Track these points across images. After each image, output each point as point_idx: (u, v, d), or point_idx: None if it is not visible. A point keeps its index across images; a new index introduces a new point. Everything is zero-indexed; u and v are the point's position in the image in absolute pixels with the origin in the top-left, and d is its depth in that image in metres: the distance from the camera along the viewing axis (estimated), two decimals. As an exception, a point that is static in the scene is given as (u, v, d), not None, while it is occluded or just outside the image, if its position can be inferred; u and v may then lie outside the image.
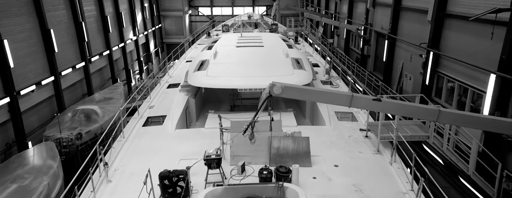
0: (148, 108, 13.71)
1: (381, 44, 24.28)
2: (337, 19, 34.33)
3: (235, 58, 15.34)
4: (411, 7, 19.88)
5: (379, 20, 24.18)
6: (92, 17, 29.43)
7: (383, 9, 23.54)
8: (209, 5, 55.33)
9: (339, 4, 34.16)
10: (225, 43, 18.90)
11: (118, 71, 35.52)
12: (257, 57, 15.45)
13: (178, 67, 20.75)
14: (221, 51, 16.39)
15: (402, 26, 20.92)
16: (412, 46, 19.43)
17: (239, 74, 13.29)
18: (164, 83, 17.18)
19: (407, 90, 20.04)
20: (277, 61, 14.87)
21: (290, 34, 30.74)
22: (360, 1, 28.29)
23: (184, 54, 23.61)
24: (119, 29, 35.22)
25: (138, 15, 42.39)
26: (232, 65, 14.37)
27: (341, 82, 16.86)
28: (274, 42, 18.95)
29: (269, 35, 21.63)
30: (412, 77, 19.46)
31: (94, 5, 30.04)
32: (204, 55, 16.25)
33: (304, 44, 27.45)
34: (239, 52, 16.45)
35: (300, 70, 13.87)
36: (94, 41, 29.46)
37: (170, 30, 53.54)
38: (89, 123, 20.75)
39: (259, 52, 16.48)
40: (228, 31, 32.25)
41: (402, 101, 8.10)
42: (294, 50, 17.28)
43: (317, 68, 19.79)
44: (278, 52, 16.24)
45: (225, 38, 20.49)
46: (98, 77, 30.61)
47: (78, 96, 26.39)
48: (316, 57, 22.53)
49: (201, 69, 14.11)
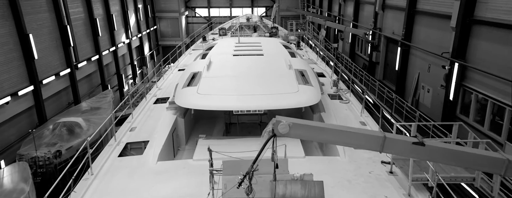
0: (129, 130, 11.70)
1: (391, 50, 22.28)
2: (341, 22, 32.36)
3: (231, 70, 13.35)
4: (429, 11, 17.87)
5: (390, 24, 22.18)
6: (79, 20, 27.41)
7: (395, 12, 21.55)
8: (206, 6, 53.35)
9: (343, 6, 32.17)
10: (221, 50, 17.00)
11: (109, 76, 33.55)
12: (256, 69, 13.47)
13: (169, 76, 18.76)
14: (216, 61, 14.43)
15: (417, 32, 18.94)
16: (430, 55, 17.43)
17: (235, 91, 11.29)
18: (151, 97, 15.18)
19: (425, 104, 18.02)
20: (279, 73, 12.89)
21: (291, 38, 28.79)
22: (367, 3, 26.31)
23: (177, 61, 21.59)
24: (110, 32, 33.22)
25: (132, 16, 40.38)
26: (227, 79, 12.37)
27: (352, 97, 14.88)
28: (275, 49, 17.05)
29: (269, 41, 19.72)
30: (430, 89, 17.44)
31: (82, 7, 28.02)
32: (196, 66, 14.25)
33: (307, 49, 25.51)
34: (235, 62, 14.47)
35: (306, 85, 11.86)
36: (82, 46, 27.45)
37: (165, 32, 51.55)
38: (71, 138, 18.83)
39: (259, 62, 14.51)
40: (225, 34, 30.31)
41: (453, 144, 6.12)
42: (297, 60, 15.29)
43: (323, 78, 17.86)
44: (280, 62, 14.28)
45: (221, 45, 18.58)
46: (86, 84, 28.60)
47: (63, 105, 24.40)
48: (321, 65, 20.58)
49: (192, 84, 12.10)
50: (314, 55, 23.56)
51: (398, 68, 20.09)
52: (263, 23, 35.55)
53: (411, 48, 19.30)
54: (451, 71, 14.73)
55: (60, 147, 17.71)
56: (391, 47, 22.38)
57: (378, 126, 11.85)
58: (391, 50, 22.24)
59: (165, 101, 14.71)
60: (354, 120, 12.54)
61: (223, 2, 53.47)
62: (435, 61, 16.97)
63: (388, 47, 22.76)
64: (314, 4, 45.57)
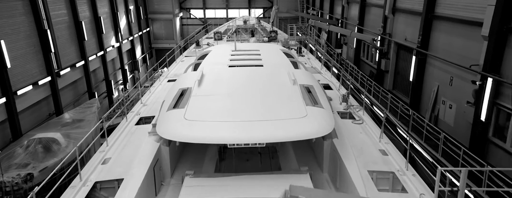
0: (101, 162, 9.61)
1: (403, 58, 20.22)
2: (344, 25, 30.33)
3: (226, 86, 11.25)
4: (452, 16, 15.75)
5: (401, 29, 20.11)
6: (63, 23, 25.28)
7: (407, 17, 19.49)
8: (201, 7, 51.25)
9: (346, 8, 30.12)
10: (215, 59, 15.00)
11: (97, 82, 31.43)
12: (255, 85, 11.40)
13: (156, 88, 16.67)
14: (209, 74, 12.37)
15: (436, 39, 16.89)
16: (452, 66, 15.35)
17: (230, 116, 9.18)
18: (133, 116, 13.08)
19: (446, 121, 15.91)
20: (282, 91, 10.80)
21: (291, 43, 26.76)
22: (375, 6, 24.24)
23: (167, 70, 19.48)
24: (97, 36, 31.08)
25: (122, 18, 38.25)
26: (222, 99, 10.26)
27: (366, 116, 12.83)
28: (276, 58, 15.08)
29: (269, 48, 17.75)
30: (453, 105, 15.36)
31: (66, 9, 25.87)
32: (186, 80, 12.14)
33: (309, 56, 23.47)
34: (231, 75, 12.41)
35: (315, 107, 9.72)
36: (65, 51, 25.33)
37: (159, 34, 49.44)
38: (46, 157, 16.87)
39: (258, 75, 12.45)
40: (221, 39, 28.25)
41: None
42: (301, 72, 13.20)
43: (330, 91, 15.85)
44: (282, 75, 12.23)
45: (216, 53, 16.59)
46: (71, 92, 26.49)
47: (42, 117, 22.30)
48: (326, 75, 18.55)
49: (179, 104, 9.97)
50: (317, 63, 21.54)
51: (412, 79, 18.01)
52: (261, 26, 33.53)
53: (429, 57, 17.21)
54: (482, 87, 12.68)
55: (32, 169, 15.73)
56: (402, 55, 20.33)
57: (401, 156, 9.84)
58: (403, 58, 20.19)
59: (149, 121, 12.64)
60: (373, 147, 10.51)
61: (219, 3, 51.41)
62: (459, 74, 14.91)
63: (399, 55, 20.70)
64: (314, 6, 43.50)
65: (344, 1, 29.63)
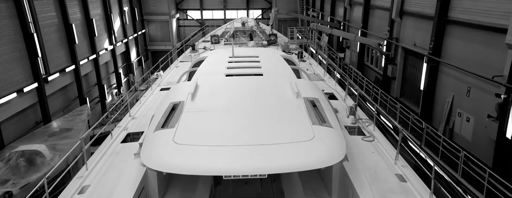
0: (77, 192, 8.34)
1: (412, 65, 18.96)
2: (347, 28, 29.08)
3: (223, 100, 9.97)
4: (469, 21, 14.39)
5: (410, 34, 18.86)
6: (51, 26, 24.00)
7: (417, 21, 18.22)
8: (198, 8, 49.97)
9: (349, 10, 28.86)
10: (211, 67, 13.82)
11: (89, 87, 30.15)
12: (254, 99, 10.13)
13: (148, 98, 15.39)
14: (204, 85, 11.14)
15: (450, 45, 15.64)
16: (470, 75, 14.07)
17: (226, 139, 7.91)
18: (120, 132, 11.80)
19: (463, 135, 14.66)
20: (285, 107, 9.52)
21: (292, 47, 25.55)
22: (380, 9, 22.96)
23: (159, 78, 18.20)
24: (89, 39, 29.80)
25: (116, 20, 36.96)
26: (217, 117, 8.99)
27: (377, 131, 11.60)
28: (276, 66, 13.91)
29: (269, 53, 16.60)
30: (471, 118, 14.08)
31: (55, 11, 24.58)
32: (179, 92, 10.88)
33: (310, 61, 22.25)
34: (228, 86, 11.16)
35: (323, 126, 8.45)
36: (54, 55, 24.06)
37: (155, 36, 48.15)
38: (29, 172, 15.80)
39: (257, 86, 11.19)
40: (218, 42, 27.00)
41: None
42: (304, 82, 11.94)
43: (335, 101, 14.64)
44: (283, 86, 10.99)
45: (212, 59, 15.41)
46: (61, 98, 25.21)
47: (29, 126, 21.05)
48: (330, 83, 17.32)
49: (169, 123, 8.68)
50: (320, 69, 20.30)
51: (423, 88, 16.74)
52: (260, 28, 32.29)
53: (442, 65, 15.94)
54: (508, 100, 11.45)
55: (12, 186, 14.59)
56: (411, 61, 19.08)
57: (422, 184, 8.61)
58: (412, 64, 18.95)
59: (138, 137, 11.40)
60: (388, 171, 9.26)
61: (216, 4, 50.15)
62: (478, 84, 13.65)
63: (408, 61, 19.45)
64: (314, 7, 42.21)
65: (347, 3, 28.38)
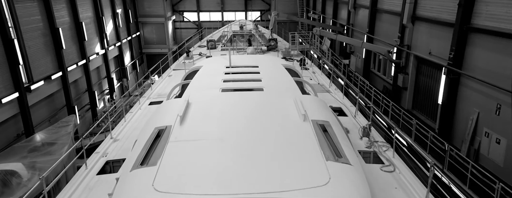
0: None
1: (426, 74, 17.29)
2: (351, 32, 27.51)
3: (217, 126, 8.35)
4: (498, 30, 12.63)
5: (424, 41, 17.22)
6: (35, 30, 22.44)
7: (432, 27, 16.56)
8: (195, 9, 48.41)
9: (353, 14, 27.29)
10: (206, 80, 12.25)
11: (79, 94, 28.56)
12: (254, 124, 8.52)
13: (135, 114, 13.78)
14: (196, 103, 9.55)
15: (474, 56, 13.98)
16: (499, 91, 12.56)
17: (219, 186, 6.29)
18: (98, 160, 10.19)
19: (493, 159, 12.99)
20: (291, 135, 7.88)
21: (293, 53, 24.01)
22: (389, 13, 21.31)
23: (150, 89, 16.60)
24: (79, 43, 28.23)
25: (109, 23, 35.39)
26: (209, 148, 7.37)
27: (397, 158, 10.03)
28: (278, 78, 12.36)
29: (269, 63, 15.04)
30: (502, 140, 12.33)
31: (39, 15, 23.01)
32: (166, 114, 9.28)
33: (313, 69, 20.70)
34: (224, 106, 9.57)
35: (339, 163, 6.79)
36: (38, 62, 22.50)
37: (150, 38, 46.60)
38: (2, 195, 14.33)
39: (257, 105, 9.58)
40: (215, 47, 25.45)
41: None
42: (311, 99, 10.30)
43: (344, 118, 13.08)
44: (288, 105, 9.39)
45: (207, 70, 13.83)
46: (46, 107, 23.65)
47: (9, 138, 19.57)
48: (337, 96, 15.77)
49: (149, 159, 7.05)
50: (324, 79, 18.74)
51: (442, 101, 15.09)
52: (259, 32, 30.73)
53: (464, 78, 14.24)
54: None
55: (-17, 213, 13.04)
56: (426, 71, 17.44)
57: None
58: (426, 74, 17.31)
59: (119, 165, 9.83)
60: None
61: (214, 5, 48.61)
62: (509, 101, 11.97)
63: (421, 70, 17.82)
64: (315, 9, 40.62)
65: (351, 6, 26.82)
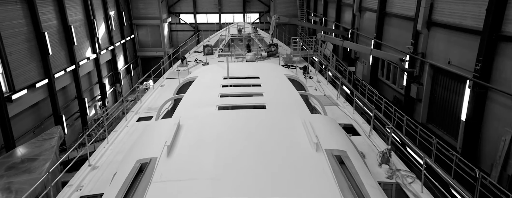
0: None
1: (444, 86, 15.57)
2: (356, 37, 25.98)
3: (212, 159, 6.80)
4: None
5: (441, 49, 15.56)
6: (19, 35, 20.87)
7: (451, 34, 14.84)
8: (192, 11, 46.85)
9: (358, 17, 25.74)
10: (201, 94, 10.87)
11: (67, 101, 26.96)
12: (256, 155, 6.98)
13: (119, 134, 12.20)
14: (188, 127, 8.08)
15: (505, 67, 12.24)
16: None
17: None
18: (71, 195, 8.63)
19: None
20: (302, 170, 6.38)
21: (295, 59, 22.51)
22: (399, 17, 19.71)
23: (138, 102, 15.02)
24: (68, 48, 26.63)
25: (101, 26, 33.80)
26: (202, 189, 5.79)
27: (426, 193, 8.52)
28: (282, 92, 11.08)
29: (271, 73, 13.72)
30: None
31: (23, 18, 21.42)
32: (152, 141, 7.76)
33: (318, 77, 19.21)
34: (221, 130, 8.07)
35: None
36: (21, 70, 20.93)
37: (145, 41, 45.01)
38: None
39: (259, 129, 8.07)
40: (212, 53, 23.92)
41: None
42: (322, 120, 8.81)
43: (357, 137, 11.62)
44: (295, 129, 7.92)
45: (202, 82, 12.43)
46: (30, 117, 22.08)
47: (-12, 154, 17.94)
48: (346, 110, 14.27)
49: None
50: (330, 89, 17.23)
51: (466, 117, 13.46)
52: (258, 35, 29.21)
53: (492, 92, 12.59)
54: None
55: None
56: (443, 82, 15.75)
57: None
58: (444, 85, 15.65)
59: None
60: None
61: (211, 7, 47.08)
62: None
63: (438, 81, 16.14)
64: (316, 11, 39.10)
65: (356, 9, 25.29)
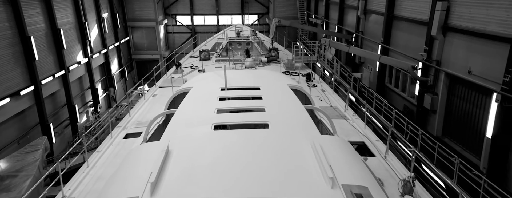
0: None
1: (463, 97, 13.98)
2: (360, 41, 24.64)
3: (204, 197, 5.53)
4: None
5: (460, 57, 14.03)
6: (2, 39, 19.60)
7: (472, 40, 13.20)
8: (189, 13, 45.49)
9: (363, 20, 24.37)
10: (195, 110, 9.63)
11: (56, 109, 25.59)
12: (259, 189, 5.70)
13: (101, 155, 10.76)
14: (178, 153, 6.85)
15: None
16: None
17: None
18: None
19: None
20: None
21: (297, 65, 21.17)
22: (409, 21, 18.20)
23: (127, 114, 13.61)
24: (57, 52, 25.26)
25: (93, 29, 32.42)
26: None
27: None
28: (287, 108, 9.96)
29: (273, 82, 12.53)
30: None
31: (7, 21, 20.07)
32: (134, 175, 6.44)
33: (322, 85, 17.86)
34: (217, 157, 6.78)
35: None
36: (4, 76, 19.64)
37: (140, 44, 43.64)
38: None
39: (262, 155, 6.78)
40: (208, 59, 22.55)
41: None
42: (335, 145, 7.59)
43: (372, 159, 10.29)
44: (305, 158, 6.68)
45: (197, 95, 11.15)
46: (14, 127, 20.74)
47: (-34, 169, 16.47)
48: (357, 124, 12.94)
49: None
50: (336, 99, 15.86)
51: (492, 134, 12.06)
52: (258, 39, 27.87)
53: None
54: None
55: None
56: (461, 92, 14.24)
57: None
58: (463, 96, 14.16)
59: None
60: None
61: (208, 8, 45.72)
62: None
63: (455, 91, 14.63)
64: (316, 13, 37.75)
65: (360, 11, 23.95)
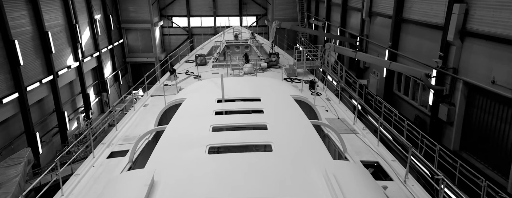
0: None
1: (484, 108, 12.52)
2: (365, 45, 23.33)
3: None
4: None
5: (481, 65, 12.62)
6: (-19, 44, 18.17)
7: (496, 46, 11.80)
8: (185, 14, 44.18)
9: (368, 23, 23.04)
10: (187, 127, 8.39)
11: (44, 116, 24.24)
12: None
13: (81, 179, 9.38)
14: (164, 190, 5.54)
15: None
16: None
17: None
18: None
19: None
20: None
21: (299, 71, 19.88)
22: (421, 25, 16.82)
23: (114, 129, 12.26)
24: (44, 56, 23.91)
25: (85, 31, 31.07)
26: None
27: None
28: (292, 125, 8.70)
29: (275, 93, 11.32)
30: None
31: (-12, 24, 18.69)
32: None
33: (328, 93, 16.56)
34: (210, 188, 5.51)
35: None
36: (-15, 83, 18.22)
37: (135, 46, 42.32)
38: None
39: (264, 187, 5.52)
40: (205, 64, 21.24)
41: None
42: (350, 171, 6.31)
43: (390, 185, 9.07)
44: (316, 186, 5.52)
45: (190, 109, 9.88)
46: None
47: None
48: (369, 140, 11.67)
49: None
50: (343, 109, 14.55)
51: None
52: (256, 42, 26.62)
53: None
54: None
55: None
56: (483, 104, 12.81)
57: None
58: (485, 108, 12.73)
59: None
60: None
61: (205, 10, 44.43)
62: None
63: (475, 102, 13.21)
64: (317, 15, 36.45)
65: (365, 14, 22.68)
